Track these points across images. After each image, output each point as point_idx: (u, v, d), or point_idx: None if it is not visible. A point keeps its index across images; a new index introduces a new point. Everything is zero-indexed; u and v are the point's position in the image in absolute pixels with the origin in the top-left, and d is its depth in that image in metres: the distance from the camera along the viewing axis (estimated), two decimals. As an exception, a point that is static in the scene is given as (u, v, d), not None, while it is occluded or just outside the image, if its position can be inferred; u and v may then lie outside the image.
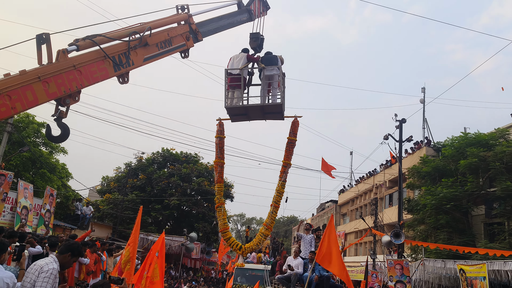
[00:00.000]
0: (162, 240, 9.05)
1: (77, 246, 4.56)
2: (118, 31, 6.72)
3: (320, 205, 59.75)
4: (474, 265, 13.95)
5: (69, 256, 4.40)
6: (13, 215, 14.80)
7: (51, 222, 17.54)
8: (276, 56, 10.05)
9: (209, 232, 32.99)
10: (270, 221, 10.08)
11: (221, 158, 10.70)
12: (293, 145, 10.39)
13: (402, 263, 16.18)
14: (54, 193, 18.21)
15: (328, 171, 25.61)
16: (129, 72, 7.01)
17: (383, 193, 36.14)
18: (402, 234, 16.70)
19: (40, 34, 5.52)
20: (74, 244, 4.59)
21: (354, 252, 43.45)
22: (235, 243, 10.13)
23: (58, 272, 4.29)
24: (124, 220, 30.57)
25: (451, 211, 20.19)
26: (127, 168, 35.26)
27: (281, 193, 10.15)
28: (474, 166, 19.67)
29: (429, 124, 35.13)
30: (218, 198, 10.58)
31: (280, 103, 9.54)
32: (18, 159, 20.47)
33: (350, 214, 45.78)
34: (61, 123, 5.86)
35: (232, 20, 9.85)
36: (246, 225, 61.63)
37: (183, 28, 8.27)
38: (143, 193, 32.56)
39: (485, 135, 21.41)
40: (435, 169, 22.28)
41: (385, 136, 20.06)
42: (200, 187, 33.29)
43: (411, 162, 27.86)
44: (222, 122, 10.77)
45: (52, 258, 4.33)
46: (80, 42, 5.97)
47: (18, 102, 5.09)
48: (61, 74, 5.59)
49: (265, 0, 11.16)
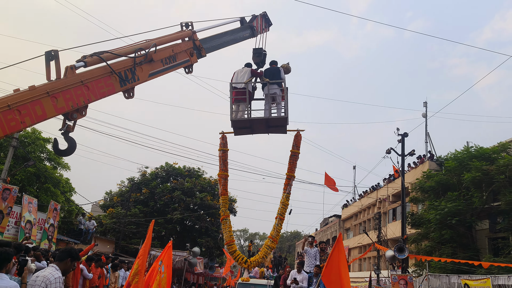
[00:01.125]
0: (168, 249, 8.98)
1: (74, 250, 4.71)
2: (125, 48, 6.90)
3: (324, 220, 59.43)
4: (478, 279, 13.85)
5: (69, 261, 4.51)
6: (17, 229, 14.84)
7: (54, 236, 17.56)
8: (279, 68, 10.15)
9: (212, 247, 32.83)
10: (275, 233, 10.12)
11: (225, 171, 10.80)
12: (296, 157, 10.50)
13: (406, 278, 16.05)
14: (58, 208, 18.27)
15: (331, 185, 25.66)
16: (134, 87, 7.18)
17: (387, 208, 35.99)
18: (406, 248, 16.62)
19: (49, 51, 5.69)
20: (71, 249, 4.72)
21: (358, 268, 43.05)
22: (240, 257, 10.14)
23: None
24: (127, 235, 30.51)
25: (455, 226, 20.10)
26: (131, 182, 35.34)
27: (285, 205, 10.22)
28: (478, 180, 19.64)
29: (431, 138, 35.20)
30: (223, 210, 10.64)
31: (285, 117, 9.67)
32: (23, 173, 20.60)
33: (354, 228, 45.50)
34: (68, 137, 5.99)
35: (235, 36, 10.05)
36: (249, 240, 61.25)
37: (187, 44, 8.46)
38: (146, 208, 32.54)
39: (487, 149, 21.44)
40: (438, 183, 22.26)
41: (388, 150, 20.13)
42: (203, 201, 33.25)
43: (414, 176, 27.83)
44: (225, 136, 10.90)
45: (54, 268, 4.41)
46: (88, 59, 6.14)
47: (27, 116, 5.24)
48: (69, 90, 5.75)
49: (268, 17, 11.38)
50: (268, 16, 11.37)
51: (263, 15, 11.19)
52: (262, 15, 11.15)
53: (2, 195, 13.74)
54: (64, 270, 4.48)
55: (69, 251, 4.61)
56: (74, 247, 5.30)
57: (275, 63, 10.38)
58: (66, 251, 4.61)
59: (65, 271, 4.53)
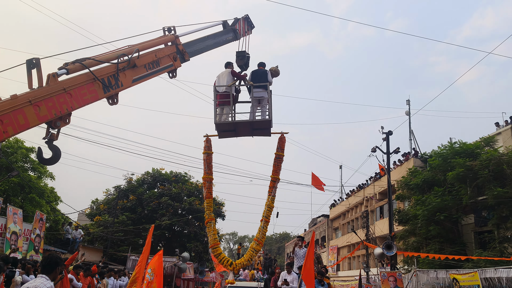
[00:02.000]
0: (159, 257, 8.82)
1: (56, 256, 4.62)
2: (107, 54, 6.87)
3: (312, 220, 59.67)
4: (466, 273, 14.07)
5: (58, 270, 4.48)
6: (2, 241, 14.58)
7: (41, 247, 17.27)
8: (266, 71, 10.22)
9: (201, 251, 32.67)
10: (261, 236, 10.15)
11: (210, 174, 10.81)
12: (281, 160, 10.57)
13: (395, 275, 16.22)
14: (43, 218, 17.99)
15: (319, 185, 25.79)
16: (118, 93, 7.15)
17: (374, 206, 36.33)
18: (394, 245, 16.79)
19: (30, 59, 5.64)
20: (54, 257, 4.63)
21: (348, 266, 43.33)
22: (225, 259, 10.15)
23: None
24: (115, 242, 30.17)
25: (442, 221, 20.37)
26: (117, 190, 34.98)
27: (271, 208, 10.26)
28: (462, 176, 19.93)
29: (415, 135, 35.70)
30: (207, 214, 10.64)
31: (269, 120, 9.73)
32: (7, 184, 20.26)
33: (342, 228, 45.80)
34: (52, 146, 5.92)
35: (218, 39, 10.08)
36: (238, 243, 61.12)
37: (170, 49, 8.45)
38: (134, 215, 32.25)
39: (470, 145, 21.78)
40: (423, 181, 22.54)
41: (373, 149, 20.36)
42: (191, 206, 33.10)
43: (400, 173, 28.16)
44: (209, 139, 10.93)
45: (44, 278, 4.36)
46: (70, 66, 6.09)
47: (9, 126, 5.17)
48: (52, 98, 5.69)
49: (250, 20, 11.45)
50: (250, 19, 11.44)
51: (245, 18, 11.25)
52: (245, 18, 11.21)
53: (-14, 207, 13.51)
54: (53, 279, 4.43)
55: (55, 260, 4.55)
56: (55, 254, 5.20)
57: (263, 65, 10.42)
58: (52, 262, 4.52)
59: (55, 279, 4.49)
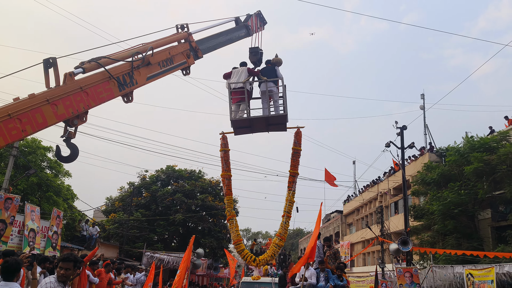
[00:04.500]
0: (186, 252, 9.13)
1: (68, 255, 4.67)
2: (122, 52, 6.91)
3: (326, 216, 59.50)
4: (482, 269, 13.88)
5: (71, 266, 4.54)
6: (20, 238, 14.84)
7: (58, 243, 17.55)
8: (275, 68, 10.19)
9: (215, 247, 32.84)
10: (283, 231, 10.17)
11: (228, 171, 10.82)
12: (298, 155, 10.54)
13: (412, 270, 16.07)
14: (60, 215, 18.26)
15: (331, 181, 25.67)
16: (133, 91, 7.19)
17: (388, 201, 36.04)
18: (410, 241, 16.64)
19: (47, 58, 5.70)
20: (72, 256, 4.69)
21: (362, 262, 43.11)
22: (248, 255, 10.16)
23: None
24: (130, 239, 30.51)
25: (458, 216, 20.13)
26: (131, 187, 35.32)
27: (292, 203, 10.26)
28: (479, 170, 19.66)
29: (430, 130, 35.27)
30: (228, 210, 10.66)
31: (285, 114, 9.69)
32: (25, 183, 20.60)
33: (356, 223, 45.56)
34: (70, 144, 5.99)
35: (231, 36, 10.07)
36: (252, 239, 61.32)
37: (183, 46, 8.47)
38: (148, 211, 32.56)
39: (487, 139, 21.45)
40: (440, 175, 22.28)
41: (387, 144, 20.15)
42: (205, 202, 33.28)
43: (415, 168, 27.87)
44: (225, 136, 10.91)
45: (53, 277, 4.47)
46: (86, 65, 6.15)
47: (28, 125, 5.24)
48: (69, 96, 5.75)
49: (262, 16, 11.40)
50: (262, 15, 11.40)
51: (257, 14, 11.21)
52: (257, 14, 11.17)
53: (4, 205, 13.73)
54: (67, 276, 4.51)
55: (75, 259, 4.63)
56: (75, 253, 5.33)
57: (270, 63, 10.41)
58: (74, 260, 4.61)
59: (68, 276, 4.56)
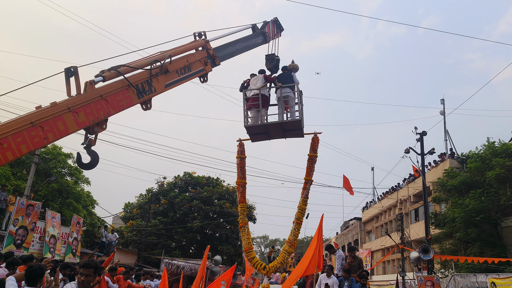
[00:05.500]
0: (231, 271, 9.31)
1: (89, 262, 4.65)
2: (141, 61, 7.00)
3: (344, 223, 58.85)
4: (506, 278, 13.51)
5: (92, 273, 4.55)
6: (41, 244, 15.09)
7: (78, 250, 17.79)
8: (291, 74, 10.19)
9: (233, 254, 32.78)
10: (293, 238, 10.06)
11: (243, 178, 10.80)
12: (313, 161, 10.43)
13: (433, 279, 15.70)
14: (80, 221, 18.53)
15: (349, 188, 25.43)
16: (152, 99, 7.27)
17: (408, 208, 35.43)
18: (431, 249, 16.30)
19: (68, 67, 5.82)
20: (92, 263, 4.71)
21: (382, 271, 42.39)
22: (259, 263, 10.09)
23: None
24: (148, 246, 30.74)
25: (480, 224, 19.67)
26: (149, 194, 35.62)
27: (303, 209, 10.13)
28: (502, 176, 19.22)
29: (451, 135, 34.64)
30: (241, 218, 10.62)
31: (299, 119, 9.65)
32: (46, 189, 21.00)
33: (375, 231, 44.87)
34: (90, 151, 6.09)
35: (248, 43, 10.11)
36: (270, 246, 61.07)
37: (201, 53, 8.54)
38: (166, 218, 32.75)
39: (510, 144, 20.98)
40: (461, 182, 21.84)
41: (406, 150, 19.82)
42: (222, 209, 33.31)
43: (435, 175, 27.36)
44: (242, 143, 10.91)
45: (74, 284, 4.49)
46: (106, 73, 6.25)
47: (50, 132, 5.35)
48: (89, 104, 5.86)
49: (279, 22, 11.44)
50: (279, 21, 11.43)
51: (274, 21, 11.25)
52: (274, 21, 11.21)
53: (26, 211, 14.02)
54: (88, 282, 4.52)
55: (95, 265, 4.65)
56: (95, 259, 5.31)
57: (286, 69, 10.41)
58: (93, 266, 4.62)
59: (89, 283, 4.57)
